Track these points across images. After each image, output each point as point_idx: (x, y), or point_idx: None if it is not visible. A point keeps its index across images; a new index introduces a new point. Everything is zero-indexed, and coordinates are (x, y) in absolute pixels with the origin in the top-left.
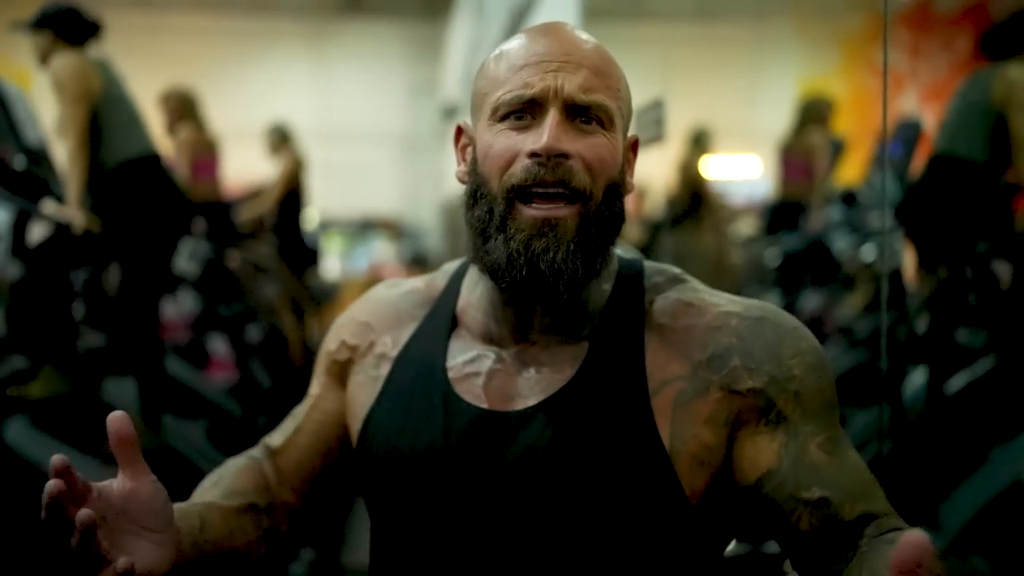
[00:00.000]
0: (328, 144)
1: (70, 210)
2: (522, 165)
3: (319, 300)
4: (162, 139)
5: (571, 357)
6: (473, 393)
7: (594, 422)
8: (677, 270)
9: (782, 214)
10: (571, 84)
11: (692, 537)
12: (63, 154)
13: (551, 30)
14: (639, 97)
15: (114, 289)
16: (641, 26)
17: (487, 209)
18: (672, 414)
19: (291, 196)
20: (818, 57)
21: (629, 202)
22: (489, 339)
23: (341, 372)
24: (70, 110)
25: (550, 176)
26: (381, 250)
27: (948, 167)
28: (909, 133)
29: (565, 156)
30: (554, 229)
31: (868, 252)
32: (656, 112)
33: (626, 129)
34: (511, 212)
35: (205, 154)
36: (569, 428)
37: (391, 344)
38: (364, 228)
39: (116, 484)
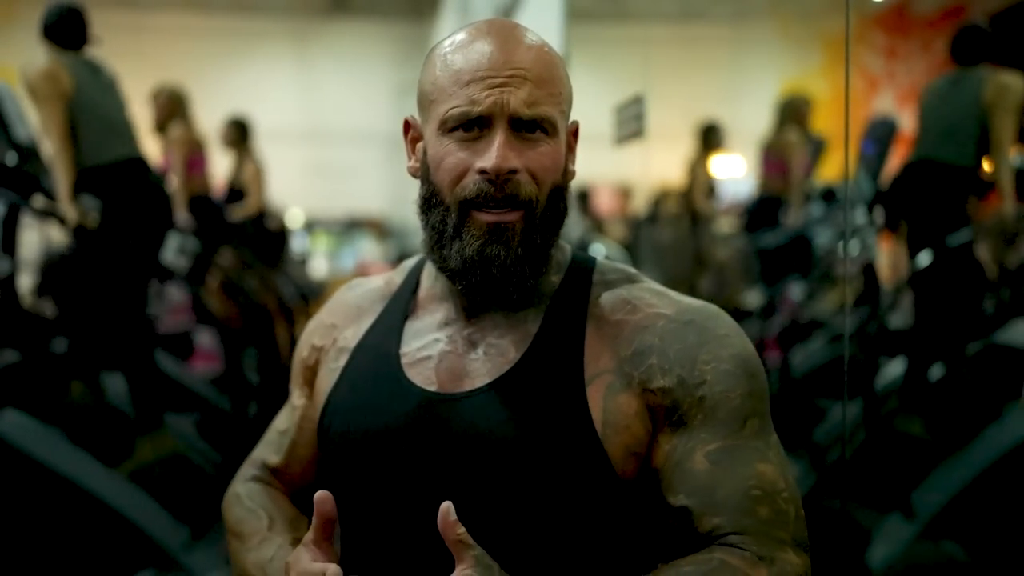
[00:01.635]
0: (314, 144)
1: (62, 205)
2: (473, 180)
3: (308, 297)
4: (150, 136)
5: (517, 341)
6: (424, 376)
7: (533, 406)
8: (633, 271)
9: (761, 211)
10: (516, 100)
11: (625, 514)
12: (49, 151)
13: (494, 33)
14: (621, 97)
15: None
16: (623, 27)
17: (441, 218)
18: (604, 404)
19: (235, 194)
20: (801, 58)
21: (614, 201)
22: (444, 323)
23: (313, 376)
24: (46, 111)
25: (499, 192)
26: (367, 250)
27: (936, 173)
28: (882, 131)
29: (513, 172)
30: (504, 233)
31: (851, 247)
32: (636, 108)
33: (567, 121)
34: (464, 220)
35: (196, 152)
36: (510, 411)
37: (351, 337)
38: (350, 228)
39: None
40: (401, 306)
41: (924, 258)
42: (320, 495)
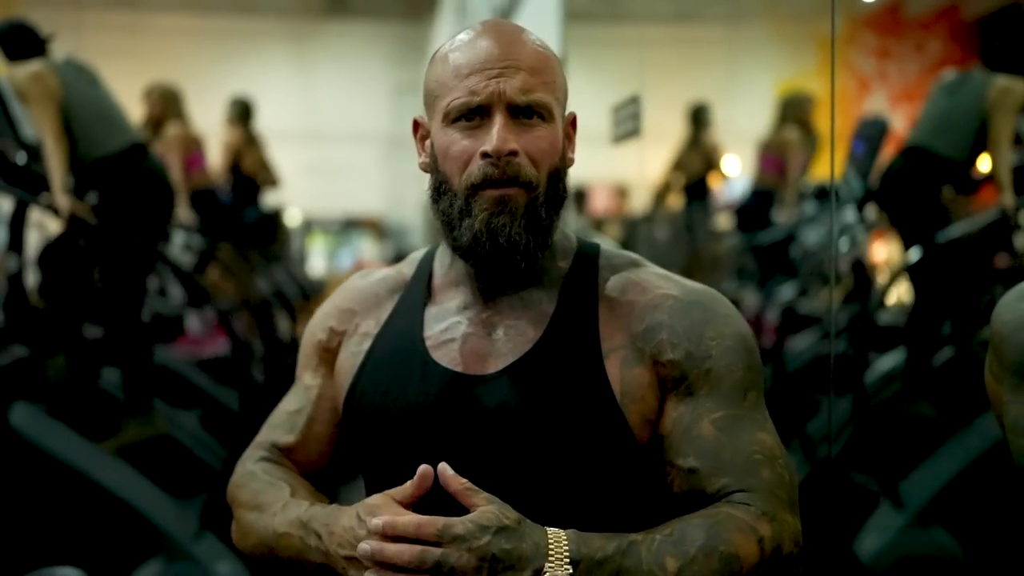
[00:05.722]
0: (312, 144)
1: (55, 196)
2: (478, 165)
3: (308, 295)
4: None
5: (534, 322)
6: (450, 357)
7: (557, 381)
8: (636, 256)
9: (754, 208)
10: (511, 88)
11: (644, 477)
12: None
13: (490, 31)
14: (617, 97)
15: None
16: (620, 27)
17: (450, 203)
18: (621, 376)
19: (238, 172)
20: (795, 58)
21: (611, 201)
22: (462, 308)
23: (332, 358)
24: (38, 110)
25: (502, 174)
26: (365, 249)
27: (923, 161)
28: (872, 131)
29: (514, 154)
30: (507, 205)
31: (841, 245)
32: (633, 107)
33: (564, 111)
34: (472, 199)
35: (194, 149)
36: (536, 387)
37: (373, 324)
38: (348, 227)
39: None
40: (419, 293)
41: (915, 252)
42: (424, 469)
